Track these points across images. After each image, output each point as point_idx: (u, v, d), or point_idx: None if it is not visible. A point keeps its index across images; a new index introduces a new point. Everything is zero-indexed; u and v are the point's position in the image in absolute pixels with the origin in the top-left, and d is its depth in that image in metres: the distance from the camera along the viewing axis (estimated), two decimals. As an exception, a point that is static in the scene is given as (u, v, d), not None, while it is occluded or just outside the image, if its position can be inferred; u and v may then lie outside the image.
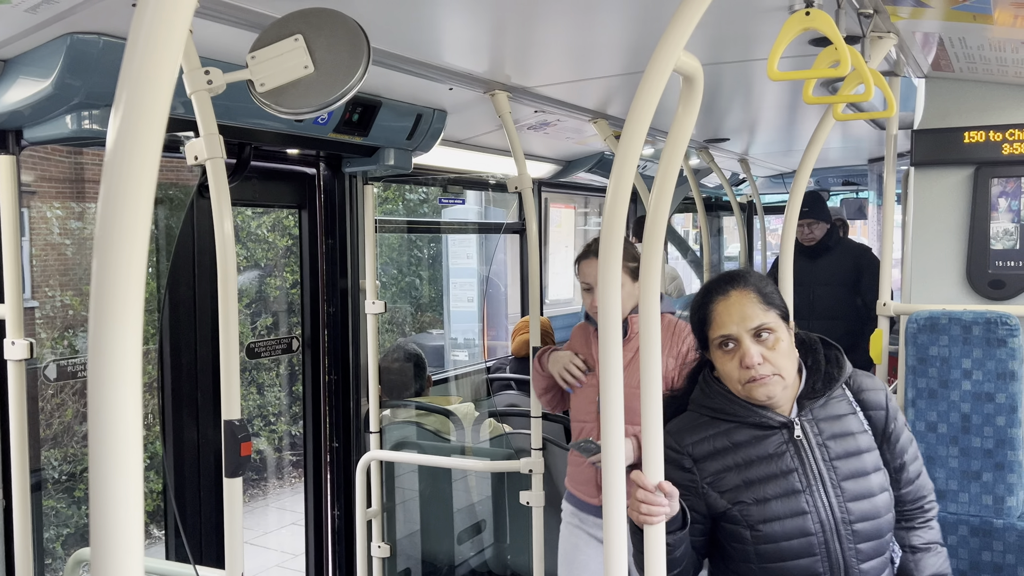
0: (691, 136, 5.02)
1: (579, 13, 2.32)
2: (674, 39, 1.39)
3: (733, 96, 3.75)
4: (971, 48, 2.65)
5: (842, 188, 7.29)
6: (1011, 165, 3.07)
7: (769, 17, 2.21)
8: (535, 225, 3.07)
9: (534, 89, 3.19)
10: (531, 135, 4.01)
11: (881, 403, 2.02)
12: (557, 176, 5.10)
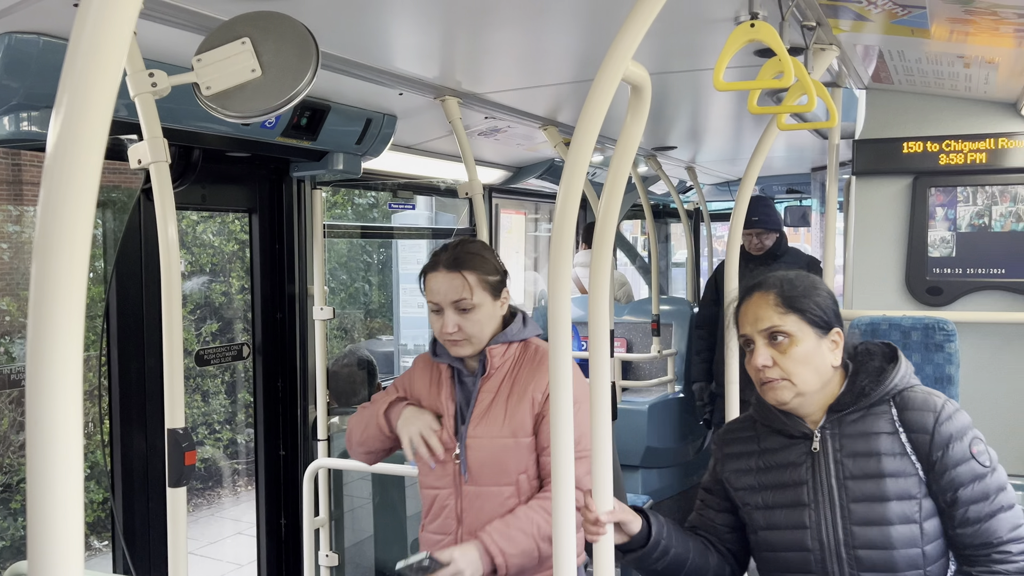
0: (639, 144, 5.07)
1: (530, 21, 2.33)
2: (622, 49, 1.41)
3: (681, 105, 3.81)
4: (909, 61, 2.73)
5: (786, 196, 7.43)
6: (947, 175, 3.17)
7: (716, 28, 2.25)
8: (485, 231, 3.07)
9: (485, 95, 3.20)
10: (482, 141, 4.01)
11: (926, 426, 1.81)
12: (508, 182, 5.12)
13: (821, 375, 1.88)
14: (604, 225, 1.62)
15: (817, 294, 1.93)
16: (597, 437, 1.59)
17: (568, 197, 1.47)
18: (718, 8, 2.18)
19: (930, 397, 1.86)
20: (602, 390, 1.58)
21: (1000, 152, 3.09)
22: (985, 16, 2.07)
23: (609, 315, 4.44)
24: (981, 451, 1.81)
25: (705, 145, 5.30)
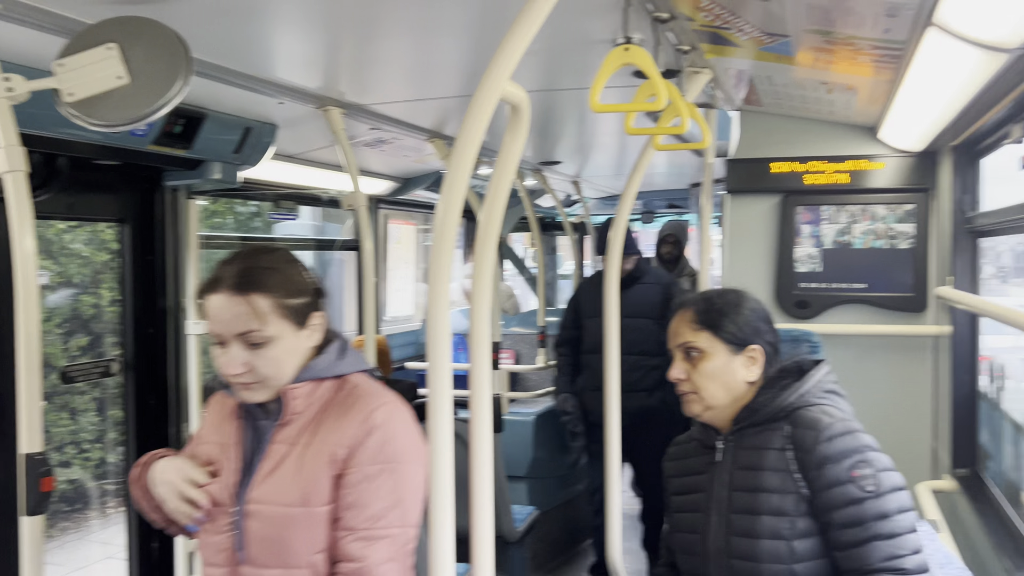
0: (526, 158, 5.12)
1: (416, 33, 2.33)
2: (499, 70, 1.42)
3: (566, 121, 3.88)
4: (777, 86, 2.87)
5: (667, 210, 7.67)
6: (812, 194, 3.35)
7: (597, 49, 2.30)
8: (370, 243, 3.04)
9: (370, 107, 3.17)
10: (368, 151, 3.97)
11: (808, 446, 1.81)
12: (395, 193, 5.08)
13: (731, 390, 1.92)
14: (485, 239, 1.62)
15: (736, 313, 1.96)
16: (475, 454, 1.59)
17: (447, 215, 1.46)
18: (598, 30, 2.24)
19: (822, 417, 1.83)
20: (483, 403, 1.58)
21: (861, 173, 3.29)
22: (844, 46, 2.20)
23: (495, 327, 4.46)
24: (865, 476, 1.76)
25: (590, 160, 5.41)
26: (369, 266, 3.04)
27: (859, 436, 1.81)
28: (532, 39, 1.50)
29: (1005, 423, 2.65)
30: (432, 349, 1.46)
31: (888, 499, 1.74)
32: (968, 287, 2.93)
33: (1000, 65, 1.85)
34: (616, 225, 2.78)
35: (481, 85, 1.45)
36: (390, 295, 5.98)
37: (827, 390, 1.91)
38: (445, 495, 1.47)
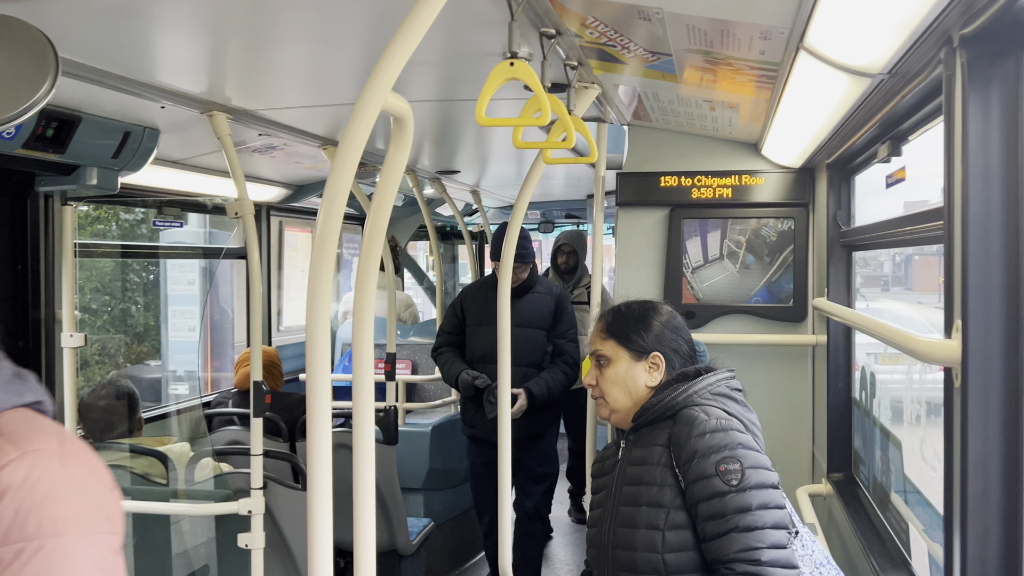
0: (424, 167, 5.06)
1: (307, 41, 2.29)
2: (381, 81, 1.41)
3: (463, 132, 3.88)
4: (664, 102, 2.94)
5: (565, 220, 7.77)
6: (699, 207, 3.45)
7: (489, 62, 2.31)
8: (257, 252, 2.96)
9: (258, 112, 3.10)
10: (257, 158, 3.88)
11: (682, 440, 1.90)
12: (288, 200, 4.98)
13: (632, 395, 2.07)
14: (370, 247, 1.61)
15: (640, 323, 2.12)
16: (358, 467, 1.57)
17: (327, 224, 1.44)
18: (489, 44, 2.25)
19: (699, 415, 1.92)
20: (365, 413, 1.56)
21: (744, 188, 3.41)
22: (723, 66, 2.28)
23: (391, 337, 4.40)
24: (731, 471, 1.83)
25: (489, 170, 5.43)
26: (256, 275, 2.96)
27: (732, 434, 1.89)
28: (418, 50, 1.49)
29: (876, 429, 2.78)
30: (311, 359, 1.44)
31: (751, 495, 1.82)
32: (843, 299, 3.06)
33: (865, 89, 1.95)
34: (508, 235, 2.79)
35: (363, 96, 1.43)
36: (286, 304, 5.85)
37: (718, 393, 2.00)
38: (323, 512, 1.45)
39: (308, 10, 1.98)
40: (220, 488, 3.49)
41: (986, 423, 1.44)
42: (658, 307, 2.19)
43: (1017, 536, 1.45)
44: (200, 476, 3.51)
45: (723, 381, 2.03)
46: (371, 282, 1.60)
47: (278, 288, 5.65)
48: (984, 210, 1.43)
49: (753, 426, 2.00)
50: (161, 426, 4.35)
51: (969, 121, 1.43)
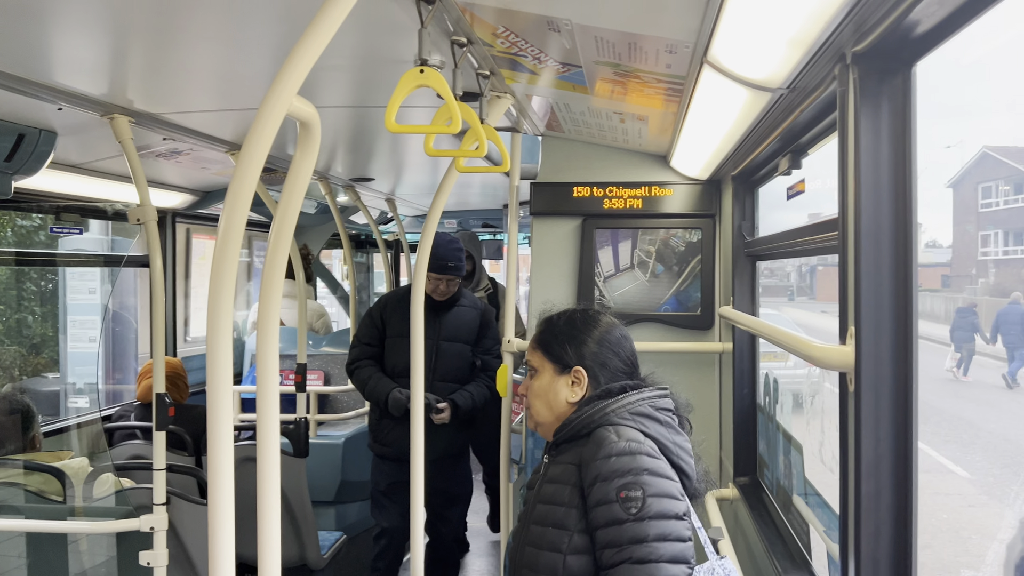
0: (338, 174, 4.99)
1: (214, 44, 2.24)
2: (286, 85, 1.39)
3: (377, 138, 3.85)
4: (575, 113, 2.98)
5: (482, 229, 7.79)
6: (610, 218, 3.50)
7: (402, 69, 2.30)
8: (160, 260, 2.87)
9: (162, 116, 3.01)
10: (162, 163, 3.76)
11: (587, 461, 1.84)
12: (195, 206, 4.84)
13: (553, 409, 2.01)
14: (274, 255, 1.58)
15: (567, 335, 2.05)
16: (263, 480, 1.54)
17: (229, 231, 1.40)
18: (401, 50, 2.24)
19: (610, 435, 1.84)
20: (270, 426, 1.53)
21: (654, 199, 3.47)
22: (632, 79, 2.32)
23: (302, 347, 4.32)
24: (633, 498, 1.75)
25: (404, 178, 5.40)
26: (159, 283, 2.87)
27: (640, 459, 1.79)
28: (329, 55, 1.47)
29: (778, 434, 2.86)
30: (213, 369, 1.40)
31: (649, 525, 1.73)
32: (747, 307, 3.16)
33: (766, 103, 2.01)
34: (421, 244, 2.78)
35: (266, 99, 1.41)
36: (193, 314, 5.68)
37: (638, 413, 1.90)
38: (225, 527, 1.41)
39: (215, 11, 1.94)
40: (121, 504, 3.36)
41: (878, 426, 1.50)
42: (593, 319, 2.08)
43: (907, 535, 1.51)
44: (99, 492, 3.37)
45: (648, 400, 1.93)
46: (276, 290, 1.58)
47: (184, 297, 5.49)
48: (875, 221, 1.49)
49: (679, 449, 1.90)
50: (58, 441, 4.17)
51: (861, 135, 1.49)
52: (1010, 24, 14.31)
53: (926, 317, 24.17)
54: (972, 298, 21.11)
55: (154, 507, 2.86)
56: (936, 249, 35.74)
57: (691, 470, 1.92)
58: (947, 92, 40.08)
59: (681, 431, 1.96)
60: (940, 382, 15.10)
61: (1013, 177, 31.94)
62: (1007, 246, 32.65)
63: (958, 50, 15.79)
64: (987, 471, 9.71)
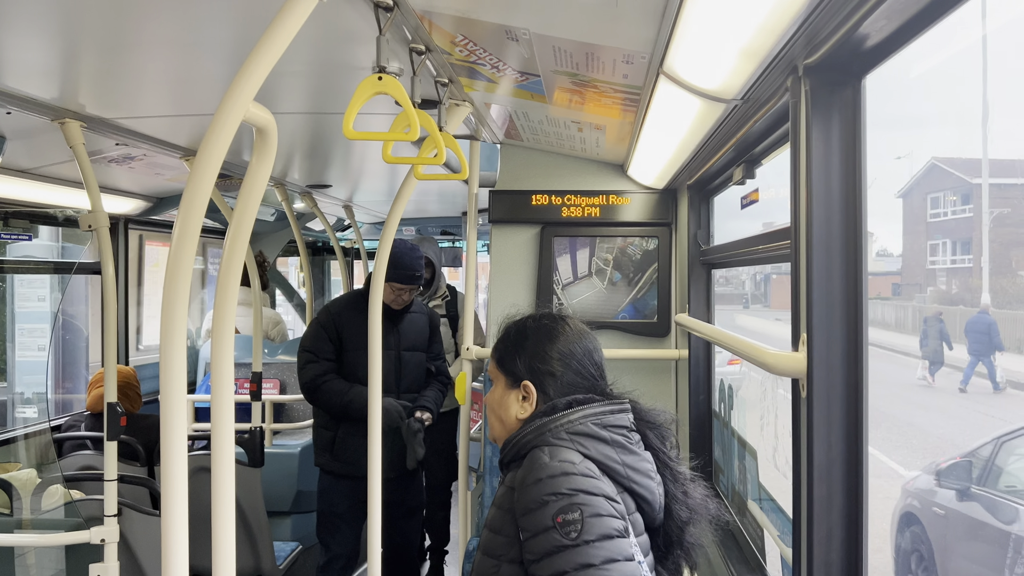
0: (294, 181, 4.94)
1: (169, 48, 2.21)
2: (242, 92, 1.38)
3: (335, 145, 3.83)
4: (534, 122, 2.99)
5: (440, 237, 7.78)
6: (569, 226, 3.52)
7: (360, 76, 2.29)
8: (112, 267, 2.82)
9: (115, 121, 2.96)
10: (114, 168, 3.70)
11: (518, 485, 1.71)
12: (148, 213, 4.77)
13: (505, 424, 1.88)
14: (230, 262, 1.56)
15: (517, 346, 1.89)
16: (217, 490, 1.52)
17: (183, 238, 1.39)
18: (359, 57, 2.23)
19: (542, 457, 1.71)
20: (225, 435, 1.51)
21: (611, 207, 3.50)
22: (590, 89, 2.34)
23: (257, 355, 4.27)
24: (571, 521, 1.61)
25: (362, 185, 5.37)
26: (111, 290, 2.82)
27: (574, 479, 1.66)
28: (286, 61, 1.47)
29: (733, 439, 2.90)
30: (166, 377, 1.39)
31: (595, 548, 1.59)
32: (703, 314, 3.20)
33: (720, 114, 2.04)
34: (379, 251, 2.77)
35: (223, 104, 1.40)
36: (146, 322, 5.59)
37: (578, 432, 1.76)
38: (178, 537, 1.39)
39: (170, 15, 1.92)
40: (70, 516, 3.29)
41: (829, 431, 1.53)
42: (546, 328, 1.92)
43: (857, 538, 1.54)
44: (48, 504, 3.29)
45: (594, 417, 1.78)
46: (231, 298, 1.56)
47: (137, 305, 5.39)
48: (826, 230, 1.52)
49: (631, 471, 1.74)
50: (6, 452, 4.07)
51: (812, 146, 1.52)
52: (955, 39, 14.71)
53: (877, 325, 24.62)
54: (937, 306, 21.65)
55: (105, 519, 2.80)
56: (887, 258, 36.61)
57: (650, 495, 1.76)
58: (898, 104, 41.04)
59: (638, 450, 1.79)
60: (911, 388, 15.46)
61: (960, 188, 32.81)
62: (955, 255, 33.54)
63: (906, 63, 16.15)
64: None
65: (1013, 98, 29.13)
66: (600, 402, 1.82)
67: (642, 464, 1.77)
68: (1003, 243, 25.13)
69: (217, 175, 1.43)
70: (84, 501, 3.25)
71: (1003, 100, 36.65)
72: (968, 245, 32.07)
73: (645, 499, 1.76)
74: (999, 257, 24.76)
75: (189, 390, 5.16)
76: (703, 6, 1.47)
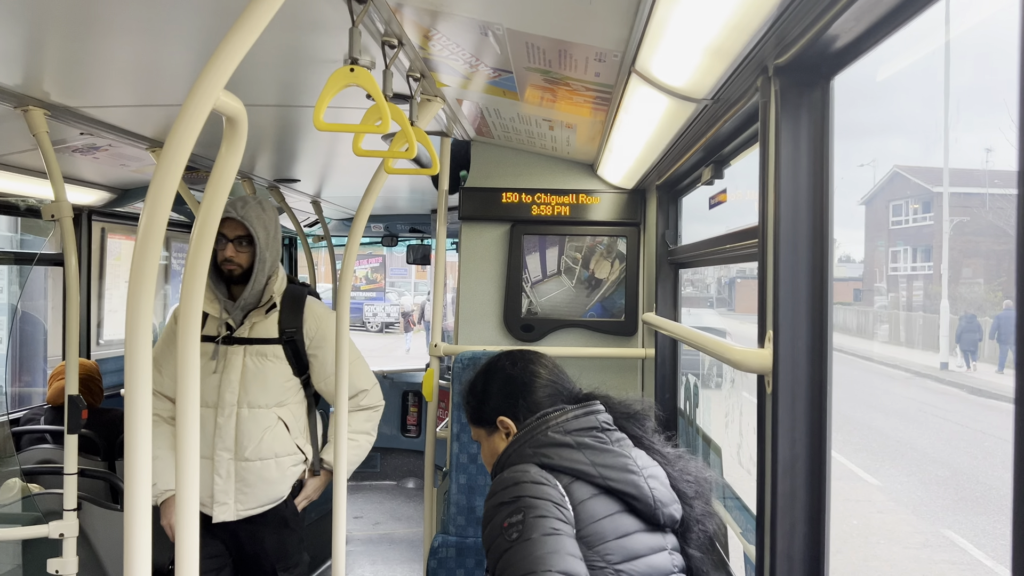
0: (262, 174, 4.90)
1: (137, 36, 2.18)
2: (213, 80, 1.36)
3: (304, 139, 3.80)
4: (505, 119, 3.00)
5: (409, 234, 7.75)
6: (538, 224, 3.53)
7: (331, 68, 2.28)
8: (75, 258, 2.78)
9: (80, 110, 2.91)
10: (79, 158, 3.64)
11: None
12: (112, 204, 4.69)
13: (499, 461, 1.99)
14: (196, 255, 1.55)
15: (480, 398, 2.10)
16: (181, 487, 1.50)
17: (150, 230, 1.37)
18: (330, 50, 2.22)
19: (500, 476, 1.81)
20: (190, 430, 1.50)
21: (581, 207, 3.52)
22: (562, 87, 2.35)
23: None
24: (514, 523, 1.68)
25: (331, 180, 5.34)
26: (73, 282, 2.77)
27: (521, 487, 1.73)
28: (257, 52, 1.46)
29: (698, 437, 2.93)
30: (131, 371, 1.37)
31: (537, 543, 1.64)
32: (669, 313, 3.22)
33: (691, 113, 2.06)
34: (348, 247, 2.75)
35: (192, 92, 1.38)
36: (107, 316, 5.50)
37: (541, 444, 1.83)
38: (142, 532, 1.37)
39: (139, 2, 1.89)
40: (28, 511, 3.23)
41: (794, 427, 1.55)
42: (493, 368, 2.11)
43: (820, 533, 1.56)
44: (5, 498, 3.23)
45: (554, 427, 1.85)
46: (198, 292, 1.55)
47: (99, 298, 5.30)
48: (793, 229, 1.54)
49: (607, 469, 1.78)
50: (-41, 447, 3.98)
51: (781, 146, 1.54)
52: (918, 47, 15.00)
53: (839, 330, 25.03)
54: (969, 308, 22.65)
55: (64, 512, 2.76)
56: (849, 264, 37.14)
57: (635, 489, 1.79)
58: (862, 112, 41.74)
59: (613, 448, 1.84)
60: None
61: (922, 195, 33.43)
62: (915, 262, 34.14)
63: (871, 68, 16.47)
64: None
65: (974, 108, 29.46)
66: (563, 410, 1.92)
67: (617, 460, 1.81)
68: (962, 251, 25.66)
69: (185, 166, 1.42)
70: (43, 495, 3.20)
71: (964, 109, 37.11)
72: (930, 252, 32.69)
73: (630, 495, 1.79)
74: (957, 264, 25.29)
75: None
76: (676, 5, 1.48)
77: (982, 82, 35.40)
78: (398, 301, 31.02)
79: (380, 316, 30.32)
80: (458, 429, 3.15)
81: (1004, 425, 11.78)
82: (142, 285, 1.38)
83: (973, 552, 7.62)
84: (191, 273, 1.54)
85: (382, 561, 5.74)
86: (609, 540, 1.75)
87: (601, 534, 1.74)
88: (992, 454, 10.88)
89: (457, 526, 3.08)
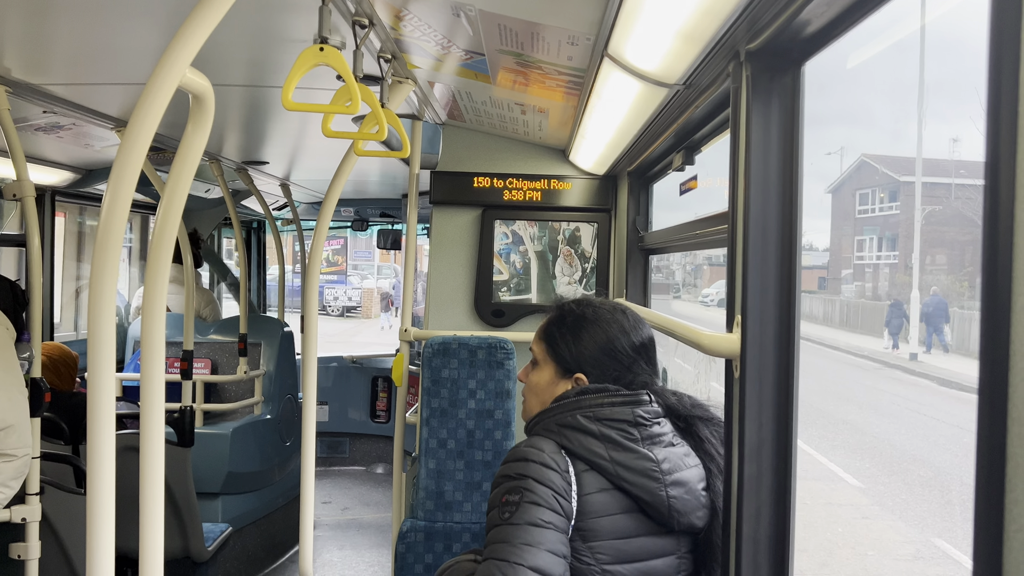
0: (230, 156, 4.84)
1: (100, 11, 2.14)
2: (178, 56, 1.34)
3: (273, 120, 3.75)
4: (477, 103, 2.98)
5: (380, 219, 7.70)
6: (510, 209, 3.52)
7: (300, 48, 2.25)
8: (37, 239, 2.73)
9: (43, 87, 2.86)
10: (41, 137, 3.57)
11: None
12: (76, 185, 4.61)
13: (540, 400, 1.92)
14: (161, 237, 1.52)
15: (575, 337, 1.90)
16: (146, 470, 1.49)
17: (113, 210, 1.35)
18: (299, 29, 2.19)
19: (517, 445, 1.80)
20: (155, 414, 1.48)
21: (553, 192, 3.51)
22: (534, 70, 2.34)
23: (188, 334, 4.18)
24: (511, 502, 1.69)
25: (300, 163, 5.28)
26: (37, 264, 2.72)
27: (529, 466, 1.71)
28: (224, 31, 1.44)
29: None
30: (94, 354, 1.35)
31: (520, 530, 1.65)
32: (640, 299, 3.23)
33: (663, 99, 2.06)
34: (317, 231, 2.73)
35: (157, 69, 1.36)
36: (69, 299, 5.42)
37: (566, 424, 1.78)
38: (104, 516, 1.35)
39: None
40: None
41: (760, 411, 1.56)
42: (602, 319, 1.92)
43: (785, 516, 1.58)
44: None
45: (584, 410, 1.79)
46: (163, 274, 1.53)
47: (65, 280, 5.22)
48: (762, 214, 1.55)
49: (622, 469, 1.73)
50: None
51: (752, 131, 1.54)
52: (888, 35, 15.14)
53: (805, 317, 25.31)
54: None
55: (27, 496, 2.72)
56: (813, 252, 37.53)
57: (649, 496, 1.74)
58: (831, 100, 42.11)
59: (638, 448, 1.76)
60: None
61: (888, 184, 33.86)
62: (880, 251, 34.60)
63: (842, 55, 16.63)
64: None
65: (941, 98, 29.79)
66: (605, 391, 1.82)
67: (638, 462, 1.75)
68: (929, 241, 26.05)
69: (150, 145, 1.39)
70: (4, 480, 3.14)
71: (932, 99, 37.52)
72: (895, 241, 33.14)
73: (644, 500, 1.75)
74: (923, 254, 25.67)
75: (118, 368, 5.03)
76: (649, -12, 1.47)
77: (950, 72, 35.86)
78: (360, 284, 30.67)
79: (341, 300, 29.67)
80: (427, 414, 3.15)
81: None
82: (105, 267, 1.36)
83: (970, 566, 7.51)
84: (155, 254, 1.52)
85: (350, 546, 5.73)
86: (604, 539, 1.72)
87: (598, 531, 1.72)
88: (972, 451, 10.90)
89: (426, 511, 3.08)
